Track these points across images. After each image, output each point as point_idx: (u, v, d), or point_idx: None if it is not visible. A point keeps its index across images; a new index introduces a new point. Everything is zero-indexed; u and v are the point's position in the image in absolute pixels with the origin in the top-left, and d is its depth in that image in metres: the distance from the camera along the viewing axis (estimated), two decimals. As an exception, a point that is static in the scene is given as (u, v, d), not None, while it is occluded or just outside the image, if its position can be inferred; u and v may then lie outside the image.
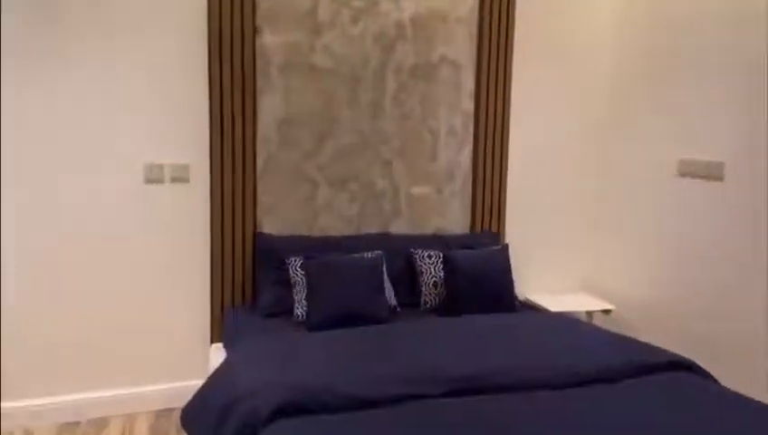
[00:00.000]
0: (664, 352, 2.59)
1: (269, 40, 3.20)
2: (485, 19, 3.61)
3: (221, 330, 3.16)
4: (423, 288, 3.31)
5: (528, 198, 3.86)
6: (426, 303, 3.30)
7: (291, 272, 3.09)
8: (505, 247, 3.44)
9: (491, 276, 3.26)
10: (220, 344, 3.08)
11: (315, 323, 2.87)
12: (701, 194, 3.29)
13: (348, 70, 3.37)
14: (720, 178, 3.19)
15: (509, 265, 3.36)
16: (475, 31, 3.64)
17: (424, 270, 3.33)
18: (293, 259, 3.11)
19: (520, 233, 3.82)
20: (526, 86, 3.76)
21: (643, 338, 3.20)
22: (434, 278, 3.31)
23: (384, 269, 3.18)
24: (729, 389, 2.33)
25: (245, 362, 2.46)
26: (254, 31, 3.17)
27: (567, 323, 2.99)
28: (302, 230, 3.35)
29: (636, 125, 3.73)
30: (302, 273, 3.04)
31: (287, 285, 3.09)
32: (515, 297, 3.38)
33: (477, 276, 3.22)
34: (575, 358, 2.43)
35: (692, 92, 3.34)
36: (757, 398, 2.28)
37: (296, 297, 3.04)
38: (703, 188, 3.29)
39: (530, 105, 3.80)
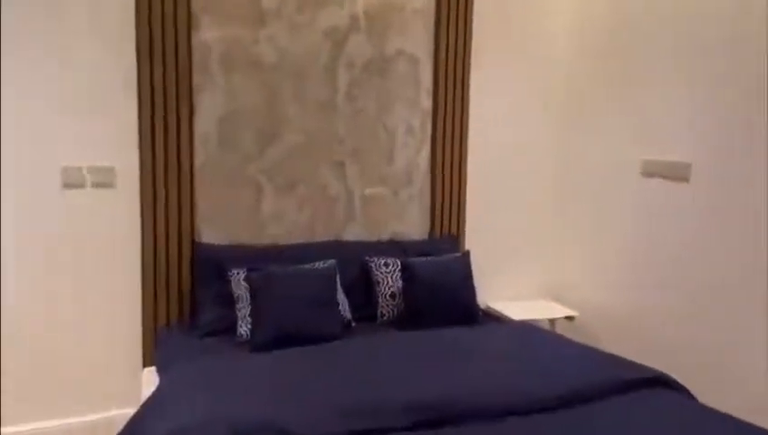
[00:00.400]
0: (637, 367, 2.41)
1: (207, 32, 2.90)
2: (443, 10, 3.40)
3: (155, 352, 2.83)
4: (380, 299, 3.06)
5: (488, 200, 3.66)
6: (383, 315, 3.06)
7: (233, 286, 2.80)
8: (466, 254, 3.22)
9: (452, 286, 3.04)
10: (153, 368, 2.75)
11: (260, 343, 2.58)
12: (666, 195, 3.16)
13: (295, 64, 3.10)
14: (686, 178, 3.06)
15: (470, 273, 3.15)
16: (432, 23, 3.41)
17: (380, 280, 3.08)
18: (236, 271, 2.81)
19: (480, 237, 3.61)
20: (486, 83, 3.57)
21: (608, 345, 3.11)
22: (391, 289, 3.06)
23: (337, 280, 2.91)
24: (707, 406, 2.17)
25: (180, 390, 2.17)
26: (189, 22, 2.85)
27: (533, 336, 2.79)
28: (246, 239, 3.06)
29: (599, 125, 3.58)
30: (246, 286, 2.74)
31: (229, 300, 2.79)
32: (477, 307, 3.17)
33: (438, 286, 2.99)
34: (546, 378, 2.23)
35: (656, 92, 3.21)
36: (731, 406, 2.16)
37: (239, 314, 2.75)
38: (668, 190, 3.15)
39: (490, 103, 3.60)
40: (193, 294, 2.94)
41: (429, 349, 2.51)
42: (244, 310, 2.74)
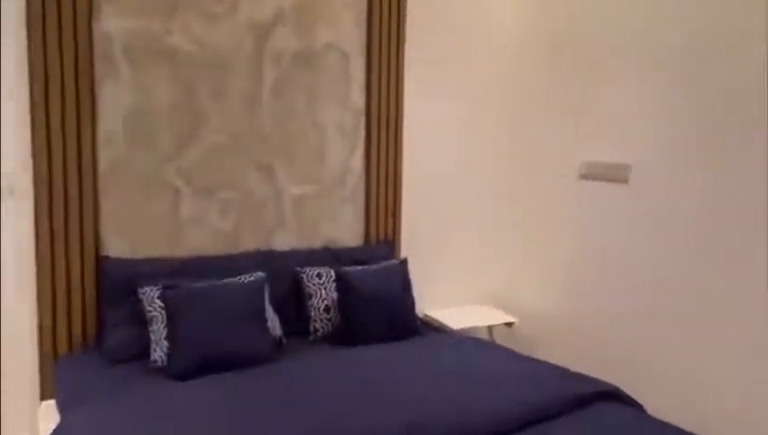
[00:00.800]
0: (589, 380, 2.30)
1: (110, 21, 2.56)
2: (375, 2, 3.19)
3: (54, 383, 2.46)
4: (313, 313, 2.82)
5: (425, 202, 3.50)
6: (316, 330, 2.82)
7: (146, 305, 2.47)
8: (404, 262, 3.03)
9: (390, 296, 2.84)
10: (53, 402, 2.38)
11: (179, 370, 2.28)
12: (606, 197, 3.11)
13: (214, 57, 2.80)
14: (625, 180, 3.01)
15: (409, 283, 2.96)
16: (363, 16, 3.20)
17: (313, 292, 2.84)
18: (150, 289, 2.49)
19: (416, 241, 3.44)
20: (421, 81, 3.39)
21: (548, 351, 3.08)
22: (325, 301, 2.83)
23: (266, 294, 2.65)
24: (660, 420, 2.09)
25: (82, 432, 1.85)
26: (90, 9, 2.50)
27: (481, 350, 2.64)
28: (162, 251, 2.73)
29: (539, 126, 3.50)
30: (162, 305, 2.43)
31: (141, 321, 2.47)
32: (417, 318, 2.99)
33: (375, 297, 2.78)
34: (492, 399, 2.06)
35: (596, 93, 3.15)
36: (676, 415, 2.13)
37: (154, 337, 2.43)
38: (608, 191, 3.10)
39: (425, 102, 3.43)
40: (99, 315, 2.58)
41: (372, 370, 2.29)
42: (158, 332, 2.42)
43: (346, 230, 3.24)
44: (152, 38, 2.65)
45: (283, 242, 3.03)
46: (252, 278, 2.62)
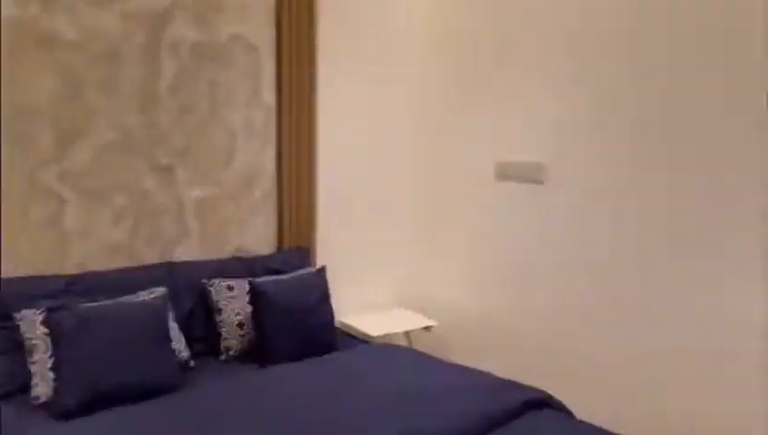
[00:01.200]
0: (520, 388, 2.23)
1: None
2: (285, -6, 2.98)
3: None
4: (224, 330, 2.57)
5: (340, 205, 3.32)
6: (229, 349, 2.56)
7: (24, 331, 2.12)
8: (322, 271, 2.84)
9: (308, 308, 2.64)
10: None
11: (67, 407, 1.97)
12: (522, 197, 3.09)
13: (102, 45, 2.47)
14: (540, 181, 3.00)
15: (328, 293, 2.78)
16: (272, 5, 2.97)
17: (224, 306, 2.59)
18: (30, 312, 2.14)
19: (332, 246, 3.27)
20: (334, 77, 3.22)
21: (469, 354, 3.06)
22: (238, 316, 2.58)
23: (170, 313, 2.37)
24: (593, 425, 2.05)
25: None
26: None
27: (400, 361, 2.49)
28: (43, 268, 2.37)
29: (456, 127, 3.43)
30: (45, 331, 2.10)
31: (19, 351, 2.11)
32: (337, 329, 2.81)
33: (292, 309, 2.58)
34: (421, 418, 1.92)
35: (511, 93, 3.12)
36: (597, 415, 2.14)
37: (35, 369, 2.09)
38: (524, 192, 3.08)
39: (340, 101, 3.27)
40: (-35, 345, 2.19)
41: (290, 392, 2.09)
42: (41, 363, 2.08)
43: (257, 237, 3.01)
44: (29, 23, 2.28)
45: (187, 252, 2.75)
46: (152, 295, 2.34)
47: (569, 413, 2.22)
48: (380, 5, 3.39)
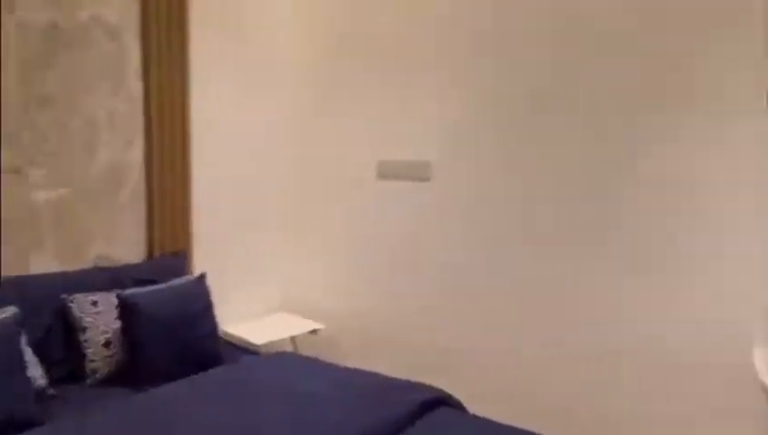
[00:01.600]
0: (417, 388, 2.21)
1: None
2: (152, -27, 2.70)
3: None
4: (89, 351, 2.28)
5: (217, 206, 3.11)
6: (95, 372, 2.28)
7: None
8: (202, 278, 2.63)
9: (188, 320, 2.43)
10: None
11: None
12: (407, 196, 3.08)
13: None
14: (426, 178, 3.01)
15: (210, 302, 2.58)
16: (137, -13, 2.69)
17: (88, 324, 2.30)
18: None
19: (209, 252, 3.05)
20: (207, 68, 2.99)
21: (359, 356, 3.05)
22: (105, 334, 2.31)
23: (22, 335, 2.05)
24: (489, 420, 2.08)
25: None
26: None
27: (292, 370, 2.37)
28: None
29: (336, 127, 3.33)
30: None
31: None
32: (220, 341, 2.62)
33: (169, 324, 2.35)
34: (320, 430, 1.84)
35: (389, 94, 3.09)
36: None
37: None
38: (409, 190, 3.07)
39: (212, 101, 3.04)
40: None
41: (175, 418, 1.88)
42: None
43: (124, 243, 2.72)
44: None
45: (42, 264, 2.41)
46: (2, 315, 2.01)
47: (464, 410, 2.24)
48: (254, 7, 3.20)
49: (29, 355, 2.08)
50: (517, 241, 2.72)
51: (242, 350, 2.74)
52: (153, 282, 2.55)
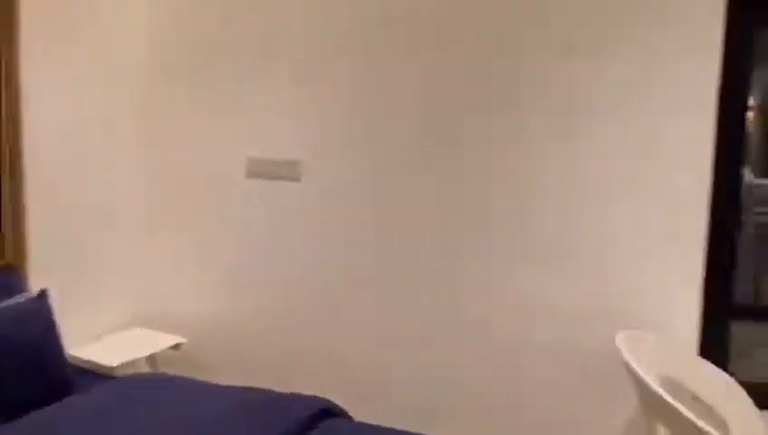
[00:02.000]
0: (297, 400, 2.10)
1: None
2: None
3: None
4: None
5: (56, 215, 2.71)
6: None
7: None
8: (43, 296, 2.27)
9: (28, 345, 2.08)
10: None
11: None
12: (276, 196, 2.95)
13: None
14: (297, 178, 2.90)
15: (53, 323, 2.23)
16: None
17: None
18: None
19: (47, 261, 2.64)
20: (44, 63, 2.60)
21: (227, 370, 2.92)
22: None
23: None
24: (374, 425, 2.04)
25: None
26: None
27: (160, 392, 2.13)
28: None
29: (194, 127, 3.08)
30: None
31: None
32: (68, 366, 2.28)
33: (5, 351, 1.99)
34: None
35: (257, 92, 2.94)
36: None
37: None
38: (278, 190, 2.94)
39: (60, 92, 2.68)
40: None
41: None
42: None
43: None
44: None
45: None
46: None
47: (349, 418, 2.18)
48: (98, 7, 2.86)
49: None
50: (383, 242, 2.73)
51: (95, 375, 2.41)
52: (-18, 303, 2.15)
